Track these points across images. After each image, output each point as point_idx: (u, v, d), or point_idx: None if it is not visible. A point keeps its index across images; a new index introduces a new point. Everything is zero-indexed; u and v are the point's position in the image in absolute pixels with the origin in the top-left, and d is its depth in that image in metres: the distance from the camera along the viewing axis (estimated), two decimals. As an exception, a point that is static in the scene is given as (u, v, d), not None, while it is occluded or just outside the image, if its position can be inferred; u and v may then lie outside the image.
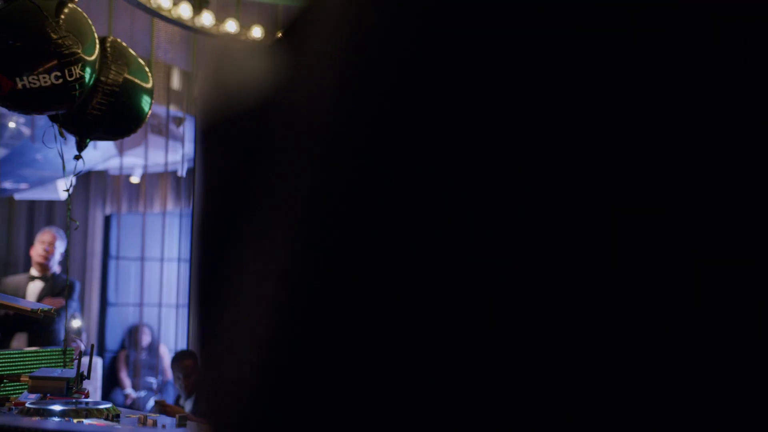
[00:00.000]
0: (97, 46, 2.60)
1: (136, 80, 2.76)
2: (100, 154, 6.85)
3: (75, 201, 2.70)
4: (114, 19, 5.03)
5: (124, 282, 8.11)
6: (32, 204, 8.60)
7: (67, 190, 2.78)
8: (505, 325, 0.38)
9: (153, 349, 7.62)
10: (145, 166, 6.98)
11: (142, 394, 7.03)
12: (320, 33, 0.43)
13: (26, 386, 2.27)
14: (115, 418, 2.04)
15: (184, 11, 3.86)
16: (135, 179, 7.92)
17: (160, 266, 7.06)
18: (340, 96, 0.40)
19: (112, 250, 8.43)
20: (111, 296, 8.36)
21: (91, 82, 2.53)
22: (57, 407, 2.03)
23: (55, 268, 5.28)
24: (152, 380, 7.39)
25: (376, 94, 0.40)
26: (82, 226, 8.01)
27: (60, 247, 5.27)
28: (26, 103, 2.48)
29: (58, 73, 2.40)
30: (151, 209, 7.69)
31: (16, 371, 2.37)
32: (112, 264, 8.43)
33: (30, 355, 2.52)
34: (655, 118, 0.38)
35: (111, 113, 2.70)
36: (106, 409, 2.07)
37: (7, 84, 2.36)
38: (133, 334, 7.75)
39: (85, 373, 2.31)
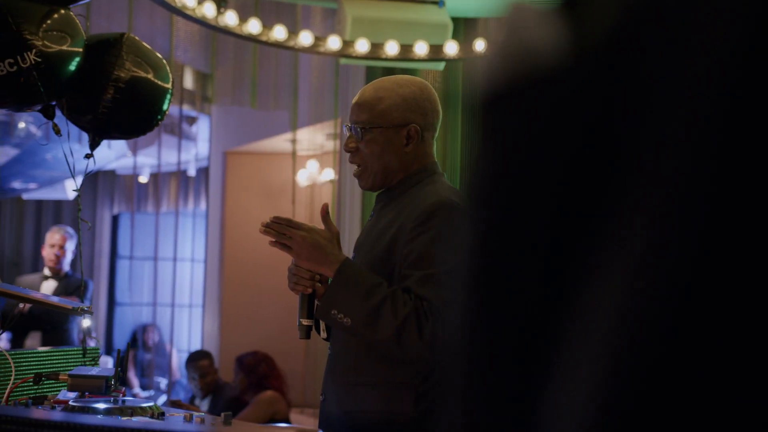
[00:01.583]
0: (83, 40, 2.52)
1: (152, 78, 2.70)
2: (114, 153, 6.85)
3: (82, 201, 2.66)
4: (134, 17, 5.03)
5: (134, 281, 8.10)
6: (40, 204, 8.60)
7: (77, 190, 2.74)
8: None
9: (162, 349, 7.61)
10: (159, 165, 6.97)
11: (151, 393, 7.02)
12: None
13: (61, 385, 2.26)
14: (160, 416, 2.03)
15: (208, 10, 3.85)
16: (143, 179, 7.91)
17: (173, 266, 7.04)
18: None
19: (121, 250, 8.42)
20: (118, 296, 8.35)
21: (65, 74, 2.45)
22: (101, 405, 2.02)
23: (67, 267, 5.27)
24: (161, 380, 7.38)
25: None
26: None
27: (70, 246, 5.26)
28: None
29: (12, 60, 2.35)
30: (160, 209, 7.68)
31: (46, 370, 2.36)
32: (119, 263, 8.42)
33: (58, 353, 2.51)
34: None
35: (124, 110, 2.65)
36: (150, 407, 2.07)
37: None
38: (142, 333, 7.74)
39: (121, 371, 2.31)
